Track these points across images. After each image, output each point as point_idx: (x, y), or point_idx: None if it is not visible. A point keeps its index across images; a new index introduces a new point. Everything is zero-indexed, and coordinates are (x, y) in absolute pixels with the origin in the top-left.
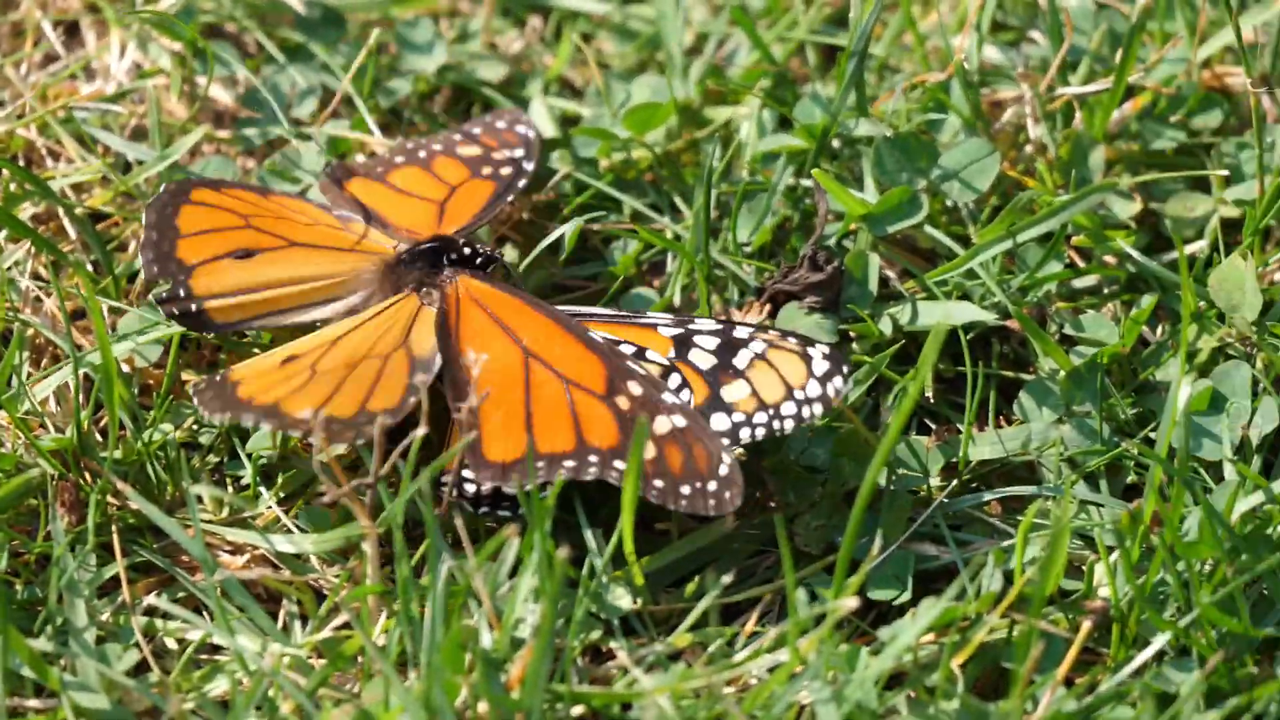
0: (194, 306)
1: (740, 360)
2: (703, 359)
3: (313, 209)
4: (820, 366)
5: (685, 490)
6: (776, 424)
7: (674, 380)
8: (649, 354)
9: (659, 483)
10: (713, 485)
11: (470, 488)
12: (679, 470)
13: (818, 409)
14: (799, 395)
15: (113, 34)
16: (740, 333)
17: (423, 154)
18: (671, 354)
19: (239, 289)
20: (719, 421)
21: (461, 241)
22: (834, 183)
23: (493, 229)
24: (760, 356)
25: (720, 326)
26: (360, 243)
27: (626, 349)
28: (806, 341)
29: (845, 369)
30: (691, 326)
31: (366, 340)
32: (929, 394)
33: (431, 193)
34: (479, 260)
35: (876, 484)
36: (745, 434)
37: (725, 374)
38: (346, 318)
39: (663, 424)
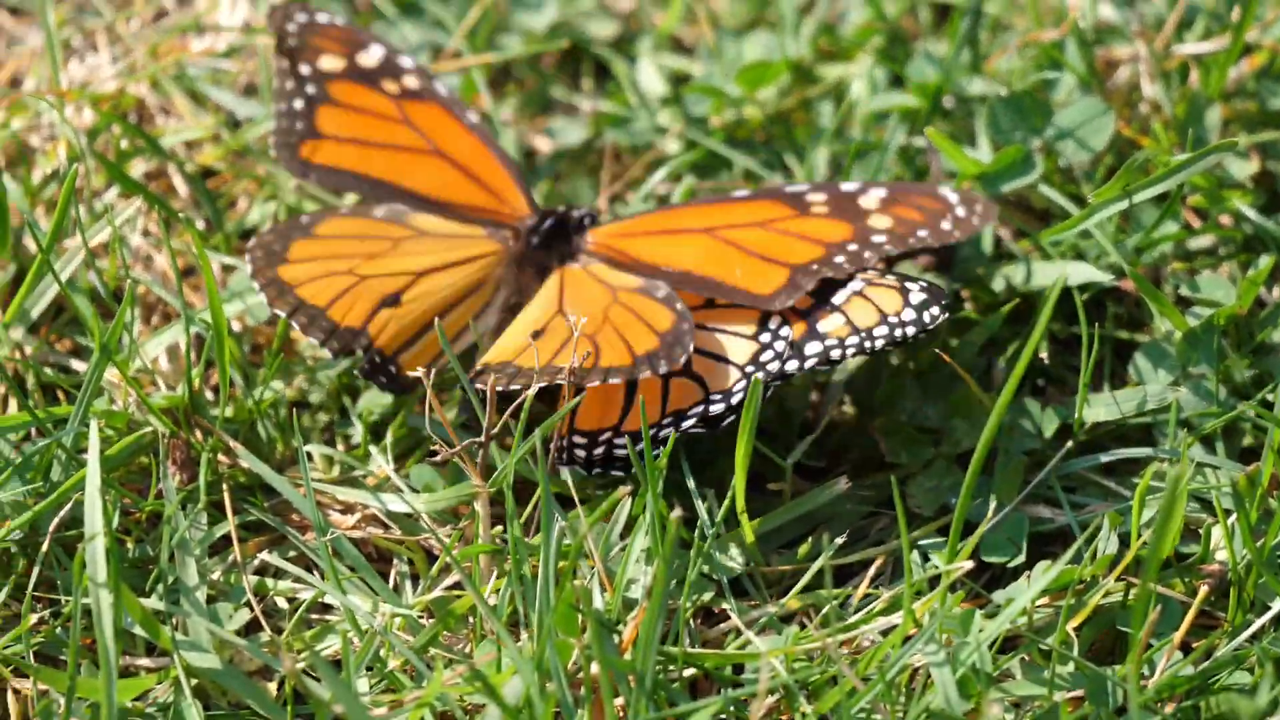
0: (393, 368)
1: (838, 297)
2: (801, 301)
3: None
4: (917, 298)
5: None
6: (867, 343)
7: (774, 321)
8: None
9: None
10: None
11: (581, 450)
12: None
13: (910, 330)
14: (892, 320)
15: None
16: (840, 276)
17: None
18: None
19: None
20: (812, 348)
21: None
22: (948, 141)
23: (606, 187)
24: (858, 293)
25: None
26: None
27: (724, 299)
28: (906, 278)
29: (943, 301)
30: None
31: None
32: (1044, 355)
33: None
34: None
35: (990, 446)
36: (835, 354)
37: (822, 311)
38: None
39: None
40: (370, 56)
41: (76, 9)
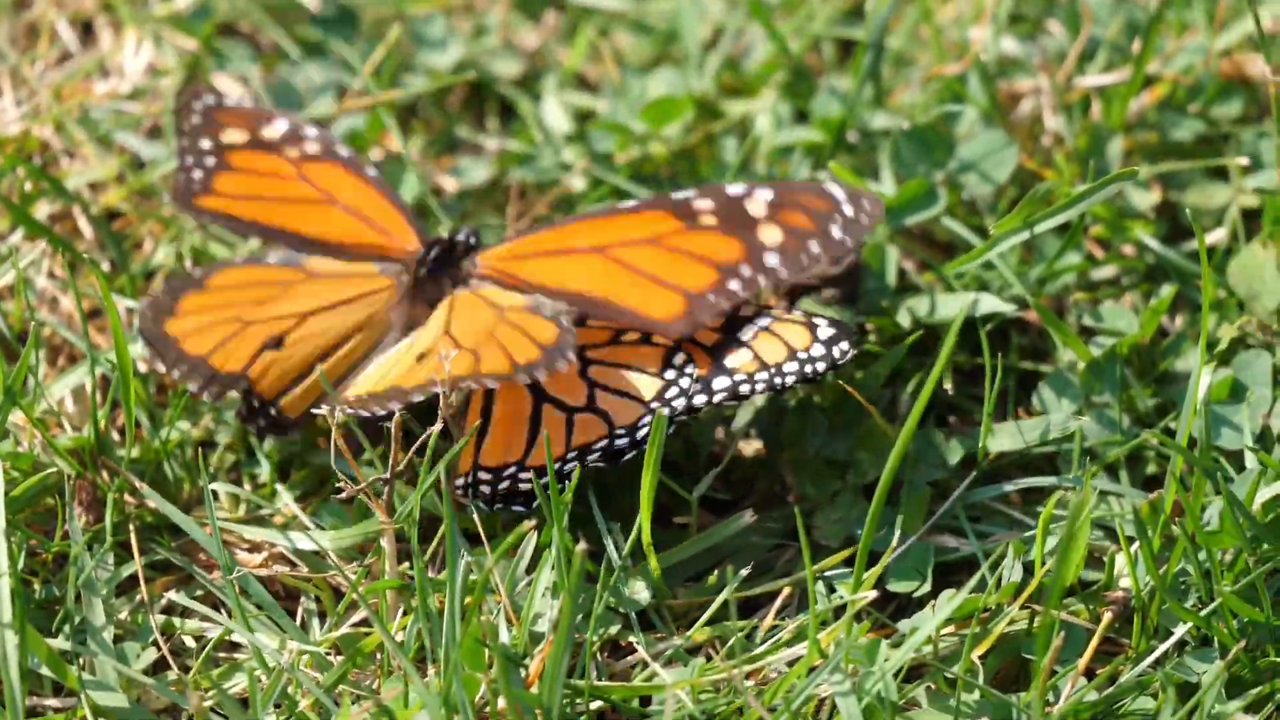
0: (273, 411)
1: (745, 334)
2: (707, 336)
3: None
4: (825, 333)
5: None
6: (778, 379)
7: (679, 358)
8: (654, 338)
9: None
10: None
11: (486, 485)
12: None
13: (820, 366)
14: (801, 356)
15: (128, 32)
16: (745, 312)
17: None
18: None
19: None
20: (720, 384)
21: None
22: (852, 175)
23: (511, 224)
24: (765, 329)
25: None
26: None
27: (630, 335)
28: (813, 314)
29: (851, 336)
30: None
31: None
32: (948, 386)
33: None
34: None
35: (895, 476)
36: (745, 389)
37: (729, 347)
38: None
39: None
40: (274, 129)
41: None
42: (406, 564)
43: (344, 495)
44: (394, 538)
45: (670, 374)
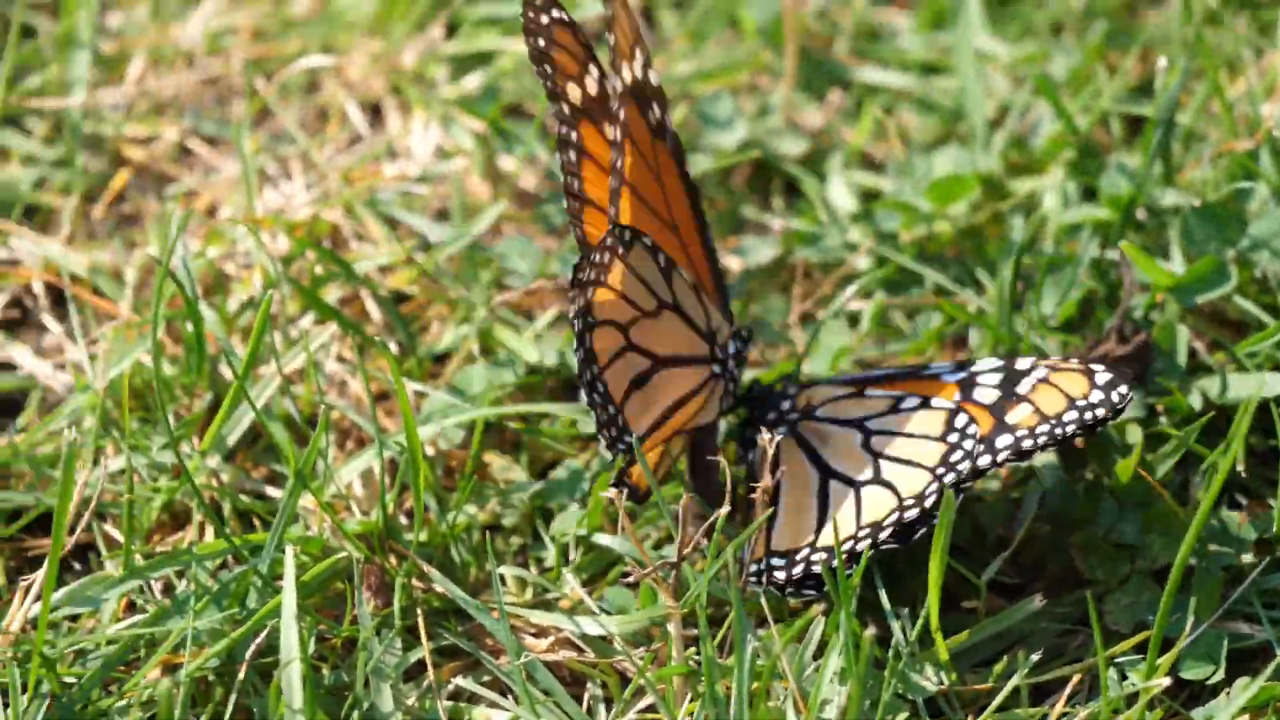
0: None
1: (1023, 387)
2: (986, 395)
3: None
4: (1103, 378)
5: None
6: (1058, 430)
7: (960, 420)
8: (934, 401)
9: None
10: None
11: (779, 571)
12: None
13: (1100, 412)
14: (1080, 403)
15: (415, 115)
16: (1022, 364)
17: None
18: (957, 396)
19: None
20: (1003, 441)
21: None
22: (1141, 254)
23: (797, 305)
24: (1043, 380)
25: (1002, 363)
26: None
27: (911, 400)
28: (1089, 363)
29: (1129, 381)
30: (974, 369)
31: None
32: (1241, 468)
33: None
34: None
35: (1188, 561)
36: (1027, 444)
37: (1009, 402)
38: None
39: None
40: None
41: (271, 137)
42: (693, 649)
43: (631, 579)
44: (680, 622)
45: (953, 437)
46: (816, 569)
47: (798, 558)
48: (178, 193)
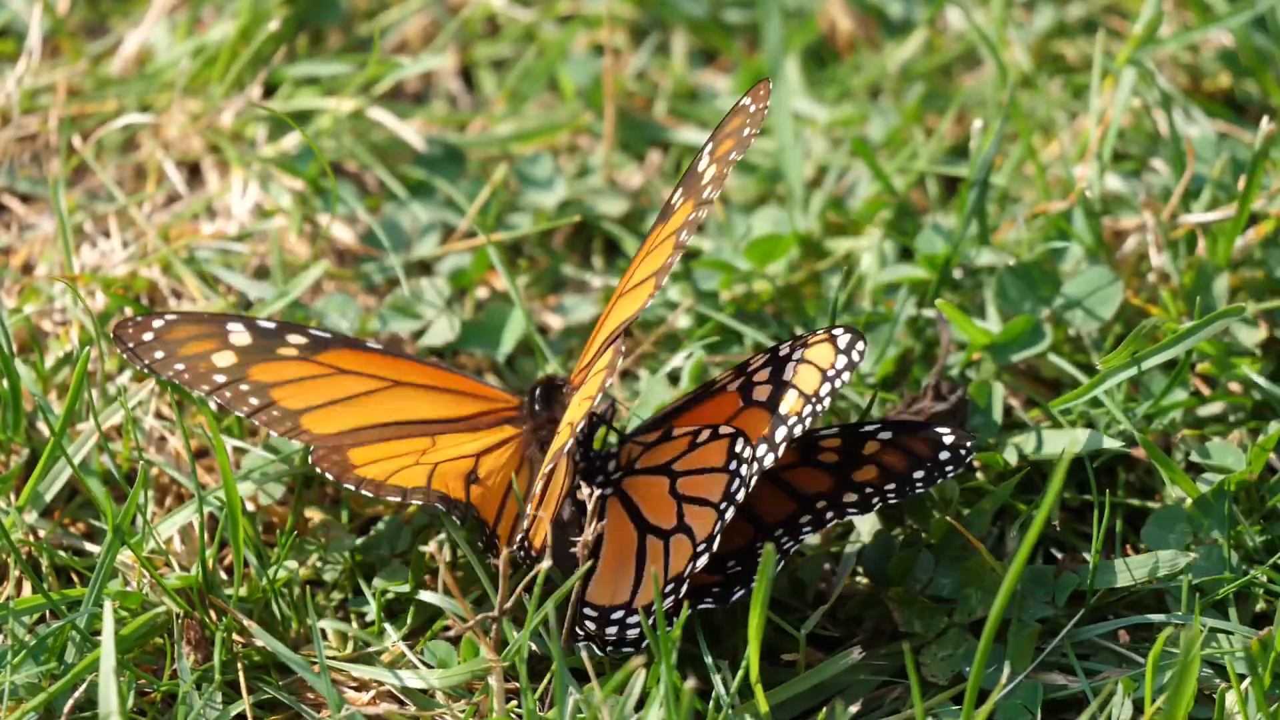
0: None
1: (787, 374)
2: (762, 392)
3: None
4: (843, 341)
5: None
6: (820, 406)
7: (738, 445)
8: (721, 429)
9: None
10: None
11: (590, 623)
12: None
13: (846, 376)
14: (830, 373)
15: (234, 174)
16: (783, 350)
17: None
18: (740, 404)
19: None
20: (780, 434)
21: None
22: (957, 312)
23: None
24: (800, 361)
25: (767, 356)
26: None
27: (705, 433)
28: (832, 327)
29: (861, 335)
30: (750, 369)
31: None
32: (1055, 523)
33: None
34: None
35: (1004, 614)
36: (799, 430)
37: (780, 393)
38: None
39: None
40: (241, 337)
41: (88, 195)
42: (515, 702)
43: (453, 633)
44: (502, 675)
45: (732, 464)
46: (631, 632)
47: (612, 617)
48: None
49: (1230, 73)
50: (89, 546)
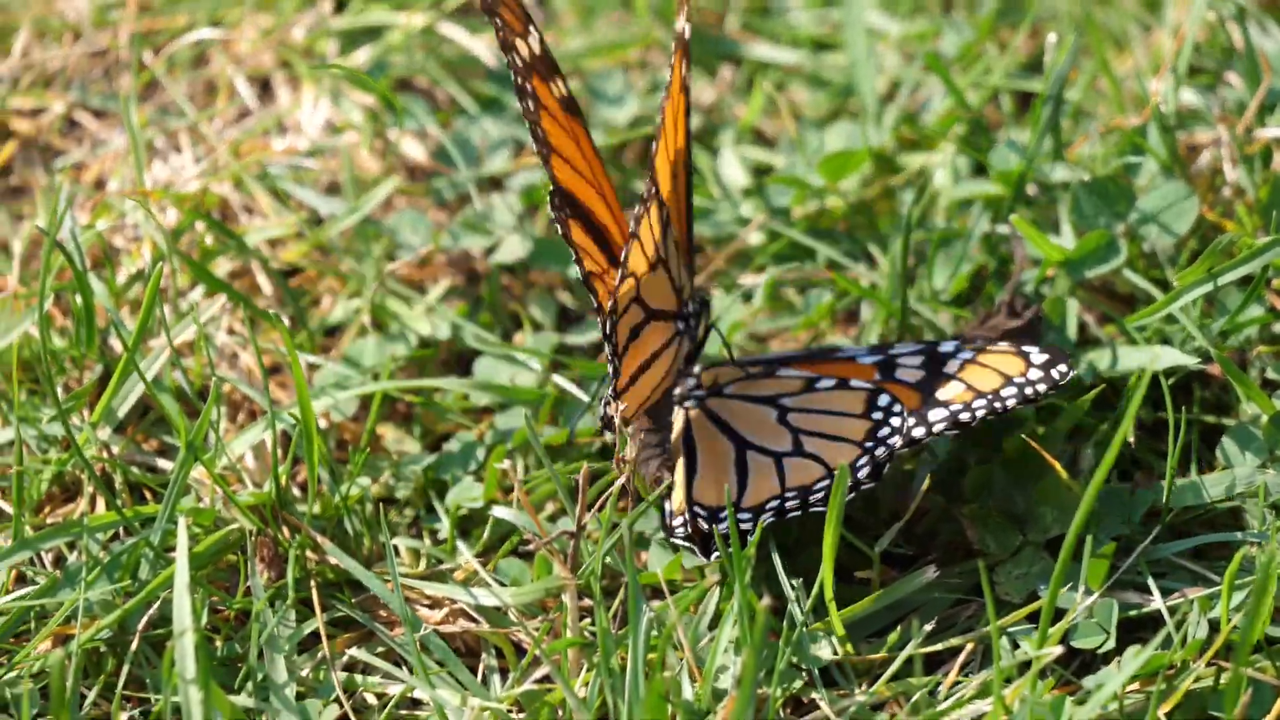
0: None
1: (950, 368)
2: (911, 375)
3: None
4: (1039, 359)
5: None
6: (997, 404)
7: (884, 399)
8: (853, 382)
9: None
10: None
11: (703, 521)
12: None
13: (1041, 387)
14: (1018, 380)
15: (305, 90)
16: (945, 348)
17: None
18: (877, 377)
19: None
20: (935, 414)
21: None
22: (1031, 228)
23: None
24: (971, 361)
25: (922, 346)
26: None
27: (827, 381)
28: (1020, 345)
29: (1068, 357)
30: (892, 352)
31: None
32: (1131, 440)
33: None
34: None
35: (1079, 532)
36: (964, 416)
37: (937, 380)
38: None
39: None
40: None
41: (159, 110)
42: (588, 620)
43: (530, 548)
44: (575, 593)
45: (877, 415)
46: (744, 526)
47: (721, 515)
48: (65, 165)
49: None
50: (162, 463)
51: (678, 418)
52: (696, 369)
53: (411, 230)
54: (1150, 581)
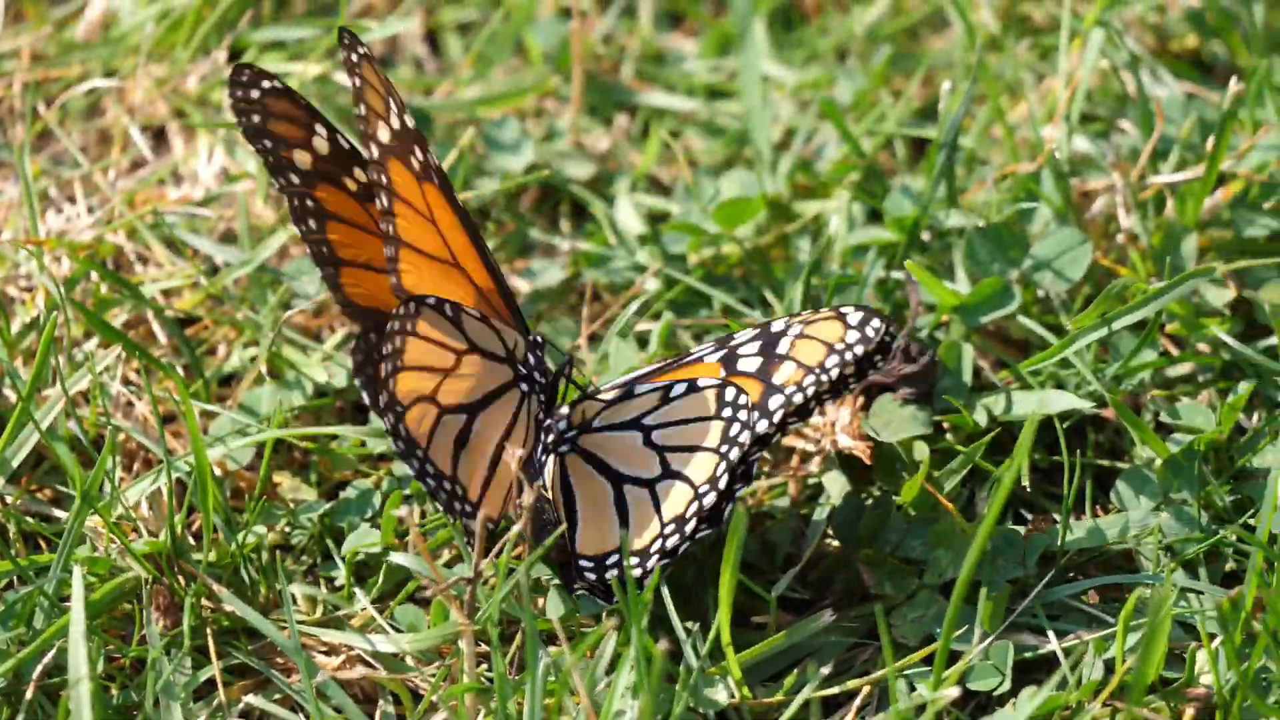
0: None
1: (782, 347)
2: (749, 364)
3: None
4: (855, 318)
5: None
6: (824, 378)
7: (729, 393)
8: (700, 382)
9: None
10: None
11: (589, 574)
12: None
13: (859, 349)
14: (838, 346)
15: (200, 139)
16: (776, 326)
17: None
18: (722, 373)
19: None
20: (775, 402)
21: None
22: (926, 274)
23: (586, 326)
24: (799, 336)
25: (757, 330)
26: None
27: (679, 388)
28: (841, 307)
29: (881, 317)
30: (733, 343)
31: None
32: (1025, 483)
33: None
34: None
35: (974, 575)
36: (798, 398)
37: (772, 364)
38: None
39: None
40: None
41: (52, 160)
42: (485, 665)
43: (428, 594)
44: (473, 639)
45: (726, 412)
46: (635, 571)
47: (608, 563)
48: None
49: (1197, 33)
50: (56, 512)
51: (549, 466)
52: (564, 409)
53: (308, 279)
54: (1045, 623)
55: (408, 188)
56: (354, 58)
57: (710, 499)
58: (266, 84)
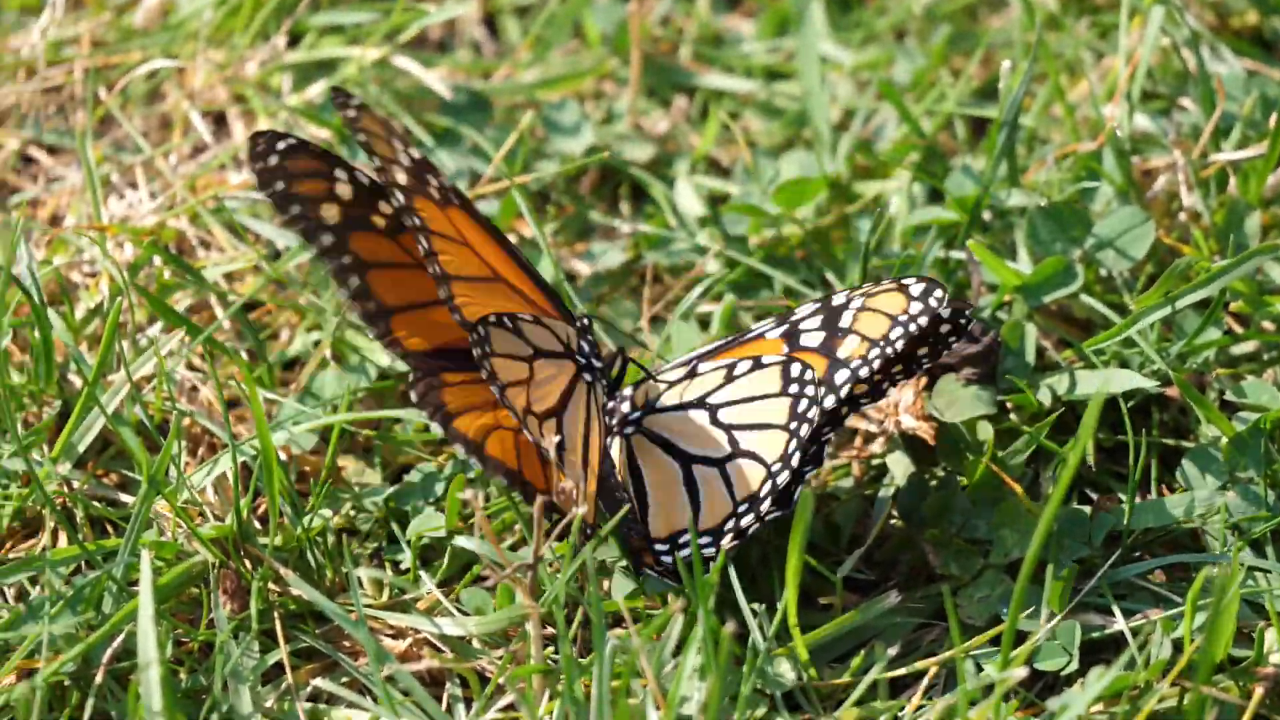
0: None
1: (845, 321)
2: (812, 339)
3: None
4: (917, 289)
5: None
6: (889, 349)
7: (795, 369)
8: (764, 359)
9: None
10: None
11: (665, 556)
12: None
13: (923, 320)
14: (902, 318)
15: (260, 124)
16: (838, 300)
17: None
18: (785, 349)
19: None
20: (841, 377)
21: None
22: (988, 254)
23: (647, 308)
24: (862, 309)
25: (818, 304)
26: None
27: (743, 365)
28: (902, 279)
29: (943, 287)
30: (794, 318)
31: None
32: (1090, 463)
33: None
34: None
35: (1040, 555)
36: (864, 371)
37: (836, 339)
38: None
39: None
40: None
41: (114, 146)
42: (552, 648)
43: (490, 581)
44: (539, 622)
45: (794, 388)
46: (707, 551)
47: (681, 540)
48: (20, 202)
49: (1257, 10)
50: (123, 497)
51: (615, 448)
52: (627, 391)
53: None
54: (1112, 603)
55: (437, 221)
56: (351, 114)
57: (784, 477)
58: (281, 145)
